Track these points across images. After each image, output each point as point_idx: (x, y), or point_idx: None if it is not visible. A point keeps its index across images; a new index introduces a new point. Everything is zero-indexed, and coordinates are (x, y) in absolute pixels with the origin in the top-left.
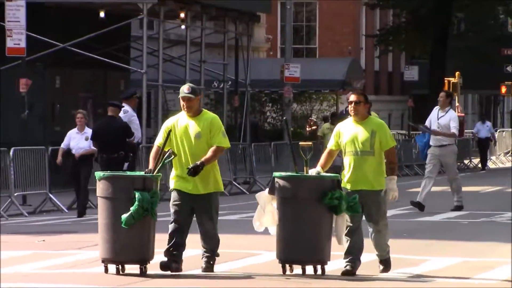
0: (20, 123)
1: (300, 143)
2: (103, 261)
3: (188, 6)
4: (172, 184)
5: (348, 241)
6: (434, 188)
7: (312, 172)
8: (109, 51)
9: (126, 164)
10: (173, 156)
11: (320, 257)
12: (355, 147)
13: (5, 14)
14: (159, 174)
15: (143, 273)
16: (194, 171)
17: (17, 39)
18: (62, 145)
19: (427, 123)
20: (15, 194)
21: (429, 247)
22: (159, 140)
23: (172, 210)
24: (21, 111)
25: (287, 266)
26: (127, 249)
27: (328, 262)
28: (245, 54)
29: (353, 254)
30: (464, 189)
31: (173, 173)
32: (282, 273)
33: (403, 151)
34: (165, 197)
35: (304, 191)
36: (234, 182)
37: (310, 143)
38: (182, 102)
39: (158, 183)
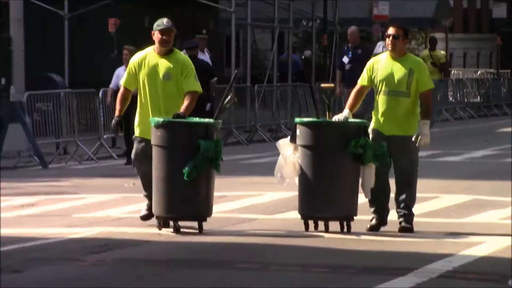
0: (109, 64)
1: (321, 84)
2: (157, 217)
3: None
4: (137, 131)
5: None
6: None
7: (340, 117)
8: None
9: (208, 105)
10: (234, 101)
11: (345, 212)
12: (390, 85)
13: None
14: (219, 120)
15: (200, 231)
16: None
17: None
18: (111, 85)
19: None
20: (105, 137)
21: None
22: (129, 82)
23: (136, 162)
24: (111, 51)
25: (311, 221)
26: (184, 204)
27: (355, 218)
28: None
29: (380, 203)
30: None
31: (137, 119)
32: (304, 229)
33: (492, 90)
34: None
35: (326, 139)
36: None
37: (332, 84)
38: (159, 36)
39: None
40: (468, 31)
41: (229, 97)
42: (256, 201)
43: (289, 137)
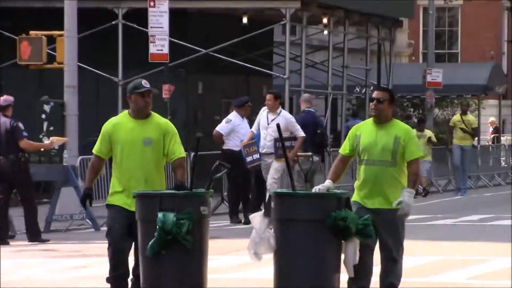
0: None
1: (298, 153)
2: None
3: (331, 11)
4: (111, 200)
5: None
6: None
7: (321, 187)
8: (251, 57)
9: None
10: (224, 170)
11: None
12: (373, 154)
13: (148, 20)
14: (209, 191)
15: None
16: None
17: (160, 45)
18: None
19: (254, 127)
20: None
21: None
22: (101, 149)
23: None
24: (164, 116)
25: None
26: (162, 282)
27: None
28: (387, 59)
29: (360, 280)
30: None
31: (112, 189)
32: None
33: None
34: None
35: (303, 212)
36: None
37: (310, 153)
38: (139, 98)
39: (207, 200)
40: None
41: (215, 165)
42: None
43: (263, 211)
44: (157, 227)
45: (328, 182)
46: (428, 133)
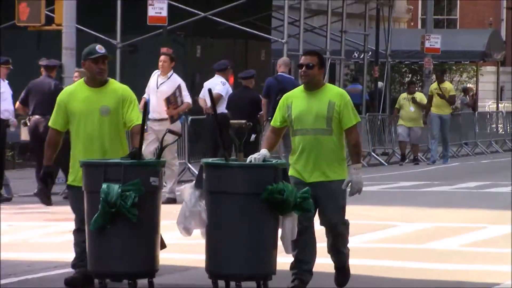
0: None
1: (231, 121)
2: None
3: None
4: (70, 178)
5: (296, 248)
6: None
7: (257, 156)
8: (250, 21)
9: (253, 135)
10: (176, 138)
11: (259, 271)
12: (307, 123)
13: None
14: (160, 160)
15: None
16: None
17: (158, 8)
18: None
19: (146, 94)
20: None
21: None
22: (57, 121)
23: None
24: None
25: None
26: (108, 259)
27: (274, 277)
28: (386, 24)
29: (303, 263)
30: None
31: (70, 164)
32: None
33: None
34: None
35: (236, 184)
36: (372, 153)
37: (244, 121)
38: (93, 65)
39: (158, 171)
40: None
41: (165, 133)
42: None
43: (194, 182)
44: (101, 198)
45: (264, 151)
46: (418, 95)
